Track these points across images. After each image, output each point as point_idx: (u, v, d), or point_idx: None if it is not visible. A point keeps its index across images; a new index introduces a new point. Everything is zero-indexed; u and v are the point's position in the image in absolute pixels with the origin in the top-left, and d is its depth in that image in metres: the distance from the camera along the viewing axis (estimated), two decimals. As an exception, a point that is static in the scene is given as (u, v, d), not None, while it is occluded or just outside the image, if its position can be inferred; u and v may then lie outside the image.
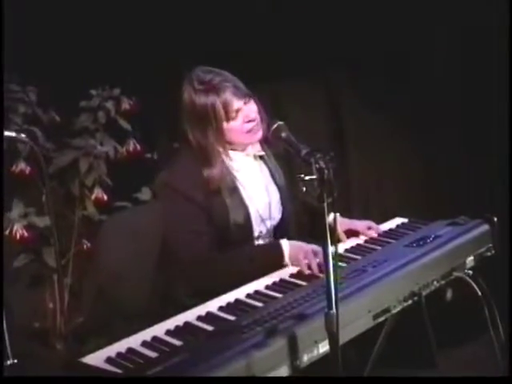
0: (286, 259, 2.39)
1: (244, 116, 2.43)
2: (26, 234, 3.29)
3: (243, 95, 2.43)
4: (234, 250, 2.42)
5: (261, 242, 2.55)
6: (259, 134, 2.46)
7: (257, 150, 2.56)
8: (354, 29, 3.99)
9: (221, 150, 2.46)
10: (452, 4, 3.81)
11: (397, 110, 4.13)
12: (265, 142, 2.54)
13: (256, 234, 2.52)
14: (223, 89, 2.39)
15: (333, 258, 1.86)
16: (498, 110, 3.81)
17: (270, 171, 2.61)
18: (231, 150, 2.50)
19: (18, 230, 3.29)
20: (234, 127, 2.42)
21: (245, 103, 2.43)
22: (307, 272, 2.31)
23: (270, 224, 2.56)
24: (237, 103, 2.41)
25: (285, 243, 2.41)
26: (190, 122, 2.42)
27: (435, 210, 3.99)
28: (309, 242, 2.47)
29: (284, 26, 4.03)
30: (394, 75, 4.04)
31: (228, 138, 2.44)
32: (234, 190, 2.47)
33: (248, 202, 2.49)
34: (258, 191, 2.54)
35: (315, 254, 2.31)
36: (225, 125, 2.41)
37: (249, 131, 2.44)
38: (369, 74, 4.09)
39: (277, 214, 2.59)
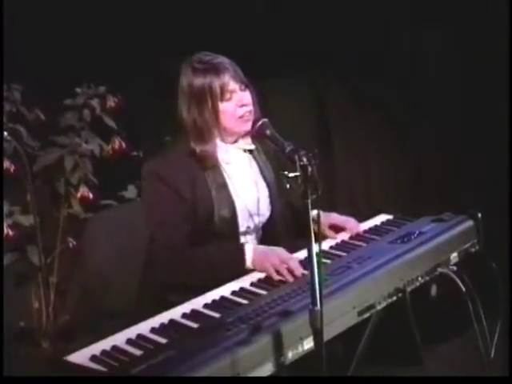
0: (249, 264, 2.36)
1: (238, 100, 2.42)
2: (10, 233, 3.28)
3: (240, 81, 2.44)
4: (200, 248, 2.41)
5: (248, 237, 2.54)
6: (249, 125, 2.44)
7: (247, 143, 2.56)
8: (341, 27, 4.00)
9: (216, 132, 2.46)
10: (448, 3, 3.83)
11: (383, 108, 4.14)
12: (254, 137, 2.54)
13: (243, 229, 2.51)
14: (222, 70, 2.40)
15: (317, 255, 1.87)
16: (486, 108, 3.83)
17: (260, 166, 2.60)
18: (222, 142, 2.50)
19: (3, 229, 3.28)
20: (228, 109, 2.42)
21: (240, 89, 2.44)
22: (276, 278, 2.28)
23: (258, 220, 2.56)
24: (233, 85, 2.41)
25: (249, 248, 2.38)
26: (187, 100, 2.42)
27: (421, 206, 4.01)
28: (295, 240, 2.48)
29: (271, 24, 4.04)
30: (380, 74, 4.05)
31: (222, 120, 2.43)
32: (222, 184, 2.46)
33: (235, 196, 2.48)
34: (247, 186, 2.54)
35: (282, 261, 2.29)
36: (219, 105, 2.41)
37: (241, 117, 2.43)
38: (355, 72, 4.10)
39: (265, 210, 2.58)
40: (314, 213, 1.90)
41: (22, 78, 3.50)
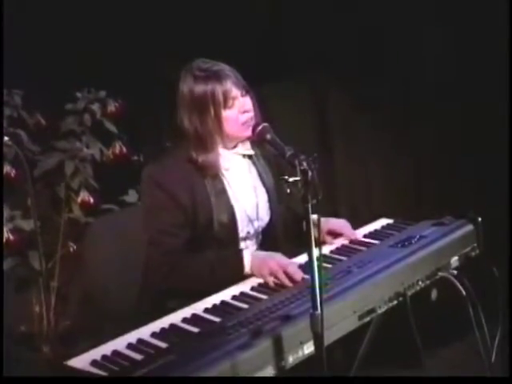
0: (247, 270, 2.36)
1: (240, 106, 2.42)
2: (11, 238, 3.28)
3: (242, 87, 2.43)
4: (198, 254, 2.41)
5: (248, 242, 2.55)
6: (250, 130, 2.44)
7: (246, 149, 2.56)
8: (342, 30, 4.01)
9: (218, 140, 2.45)
10: (447, 3, 3.83)
11: (383, 111, 4.14)
12: (254, 142, 2.54)
13: (243, 234, 2.52)
14: (224, 77, 2.39)
15: (317, 259, 1.87)
16: (486, 110, 3.83)
17: (259, 172, 2.60)
18: (223, 148, 2.50)
19: (4, 234, 3.28)
20: (230, 116, 2.41)
21: (242, 95, 2.43)
22: (272, 284, 2.28)
23: (257, 225, 2.56)
24: (235, 92, 2.41)
25: (247, 254, 2.38)
26: (189, 109, 2.40)
27: (421, 210, 4.02)
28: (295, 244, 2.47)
29: (271, 27, 4.05)
30: (380, 76, 4.05)
31: (224, 128, 2.42)
32: (221, 190, 2.47)
33: (234, 201, 2.48)
34: (246, 191, 2.54)
35: (281, 266, 2.28)
36: (222, 113, 2.40)
37: (244, 123, 2.42)
38: (355, 75, 4.10)
39: (265, 216, 2.58)
40: (314, 217, 1.91)
41: (23, 82, 3.50)
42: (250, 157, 2.59)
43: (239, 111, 2.42)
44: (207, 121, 2.40)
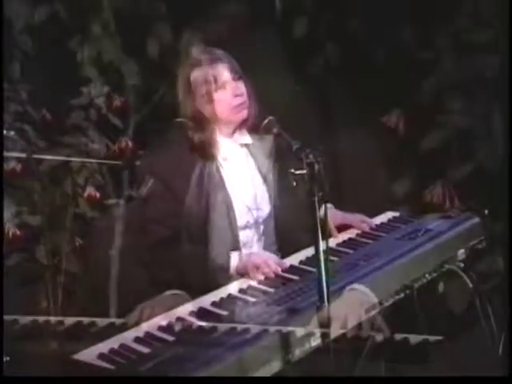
0: (232, 271, 2.38)
1: (232, 89, 2.47)
2: (18, 233, 3.29)
3: (234, 72, 2.50)
4: (186, 250, 2.42)
5: (248, 231, 2.55)
6: (244, 113, 2.49)
7: (244, 137, 2.59)
8: (343, 17, 4.01)
9: (213, 122, 2.50)
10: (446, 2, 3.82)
11: (388, 106, 4.13)
12: (252, 130, 2.56)
13: (242, 223, 2.52)
14: (216, 60, 2.48)
15: (324, 252, 1.87)
16: (482, 108, 3.82)
17: (256, 162, 2.62)
18: (219, 134, 2.53)
19: (11, 229, 3.29)
20: (222, 99, 2.47)
21: (234, 79, 2.49)
22: (259, 278, 2.31)
23: (256, 214, 2.57)
24: (227, 75, 2.47)
25: (234, 255, 2.40)
26: (185, 91, 2.50)
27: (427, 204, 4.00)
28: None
29: (267, 18, 4.04)
30: (380, 66, 4.04)
31: (217, 110, 2.47)
32: (219, 179, 2.49)
33: (232, 191, 2.50)
34: (243, 181, 2.56)
35: (268, 266, 2.31)
36: (214, 95, 2.46)
37: (236, 106, 2.48)
38: (358, 67, 4.09)
39: (264, 206, 2.59)
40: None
41: (29, 77, 3.51)
42: (247, 146, 2.60)
43: (231, 94, 2.47)
44: (201, 102, 2.47)
